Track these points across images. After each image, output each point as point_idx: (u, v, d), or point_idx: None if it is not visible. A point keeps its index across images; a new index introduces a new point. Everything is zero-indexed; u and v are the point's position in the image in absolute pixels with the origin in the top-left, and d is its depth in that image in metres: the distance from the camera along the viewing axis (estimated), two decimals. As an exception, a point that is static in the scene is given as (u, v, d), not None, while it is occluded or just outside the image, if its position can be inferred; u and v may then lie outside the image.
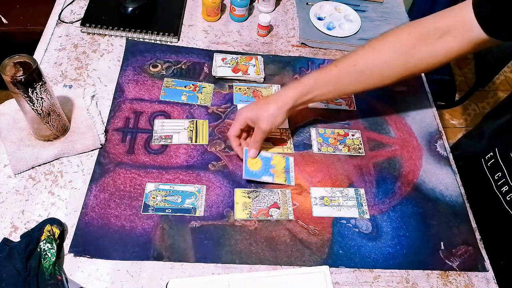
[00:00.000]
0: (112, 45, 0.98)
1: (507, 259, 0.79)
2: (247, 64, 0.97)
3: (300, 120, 0.91)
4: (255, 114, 0.78)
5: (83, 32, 0.99)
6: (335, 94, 0.84)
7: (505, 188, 0.78)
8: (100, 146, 0.81)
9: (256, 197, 0.79)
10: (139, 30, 0.99)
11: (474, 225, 0.80)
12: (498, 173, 0.80)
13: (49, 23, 1.00)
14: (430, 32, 0.72)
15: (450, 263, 0.75)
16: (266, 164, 0.82)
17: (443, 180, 0.85)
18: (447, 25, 0.71)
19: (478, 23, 0.66)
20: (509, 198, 0.78)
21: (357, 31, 1.09)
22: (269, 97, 0.81)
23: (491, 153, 0.83)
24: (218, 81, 0.95)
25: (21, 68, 0.67)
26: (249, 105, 0.82)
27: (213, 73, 0.95)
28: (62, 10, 1.03)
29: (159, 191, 0.77)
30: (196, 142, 0.84)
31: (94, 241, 0.70)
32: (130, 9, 1.02)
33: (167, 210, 0.75)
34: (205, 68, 0.97)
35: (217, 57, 0.97)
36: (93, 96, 0.87)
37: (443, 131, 0.93)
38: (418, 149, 0.89)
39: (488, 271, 0.75)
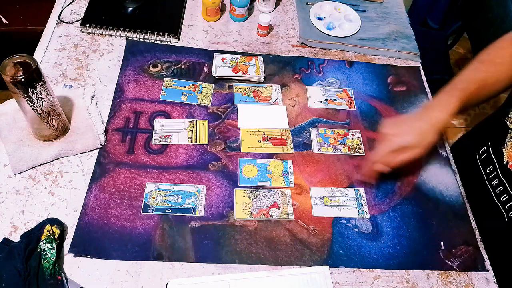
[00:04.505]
0: (112, 45, 0.98)
1: (506, 258, 0.79)
2: (247, 64, 0.97)
3: (300, 120, 0.91)
4: (414, 140, 0.73)
5: (83, 32, 0.99)
6: (469, 108, 0.80)
7: (496, 181, 0.79)
8: (100, 146, 0.81)
9: (256, 197, 0.79)
10: (139, 30, 0.99)
11: (474, 225, 0.80)
12: (490, 167, 0.81)
13: (49, 23, 1.00)
14: None
15: (450, 263, 0.75)
16: (262, 170, 0.82)
17: (443, 180, 0.85)
18: None
19: None
20: (498, 191, 0.79)
21: (357, 31, 1.09)
22: (423, 120, 0.74)
23: (485, 147, 0.83)
24: (218, 81, 0.95)
25: (21, 68, 0.67)
26: (405, 129, 0.74)
27: (213, 73, 0.95)
28: (62, 10, 1.03)
29: (159, 191, 0.77)
30: (196, 142, 0.84)
31: (94, 241, 0.70)
32: (130, 9, 1.02)
33: (167, 210, 0.75)
34: (205, 68, 0.97)
35: (217, 57, 0.97)
36: (93, 96, 0.87)
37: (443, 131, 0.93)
38: (418, 149, 0.89)
39: (488, 271, 0.75)
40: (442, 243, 0.77)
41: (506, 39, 0.80)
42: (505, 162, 0.78)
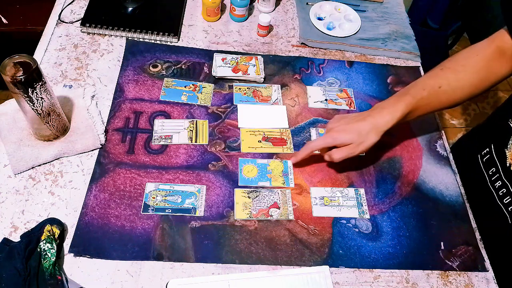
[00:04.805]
0: (112, 45, 0.98)
1: (506, 258, 0.79)
2: (247, 64, 0.97)
3: (300, 120, 0.91)
4: (351, 139, 0.74)
5: (83, 32, 0.99)
6: (422, 114, 0.81)
7: (498, 183, 0.79)
8: (100, 146, 0.81)
9: (256, 197, 0.79)
10: (139, 30, 0.99)
11: (474, 225, 0.80)
12: (492, 169, 0.81)
13: (49, 23, 1.00)
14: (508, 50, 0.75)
15: (450, 263, 0.75)
16: (262, 170, 0.82)
17: (443, 180, 0.85)
18: None
19: None
20: (501, 193, 0.78)
21: (357, 31, 1.09)
22: (367, 121, 0.75)
23: (487, 149, 0.83)
24: (218, 81, 0.95)
25: (21, 68, 0.67)
26: (345, 127, 0.76)
27: (213, 73, 0.95)
28: (62, 10, 1.03)
29: (159, 191, 0.77)
30: (196, 142, 0.84)
31: (94, 241, 0.70)
32: (130, 9, 1.02)
33: (167, 210, 0.75)
34: (205, 68, 0.97)
35: (217, 57, 0.97)
36: (93, 96, 0.87)
37: (443, 131, 0.93)
38: (418, 149, 0.89)
39: (488, 271, 0.75)
40: (442, 243, 0.77)
41: (474, 47, 0.80)
42: (507, 164, 0.77)
